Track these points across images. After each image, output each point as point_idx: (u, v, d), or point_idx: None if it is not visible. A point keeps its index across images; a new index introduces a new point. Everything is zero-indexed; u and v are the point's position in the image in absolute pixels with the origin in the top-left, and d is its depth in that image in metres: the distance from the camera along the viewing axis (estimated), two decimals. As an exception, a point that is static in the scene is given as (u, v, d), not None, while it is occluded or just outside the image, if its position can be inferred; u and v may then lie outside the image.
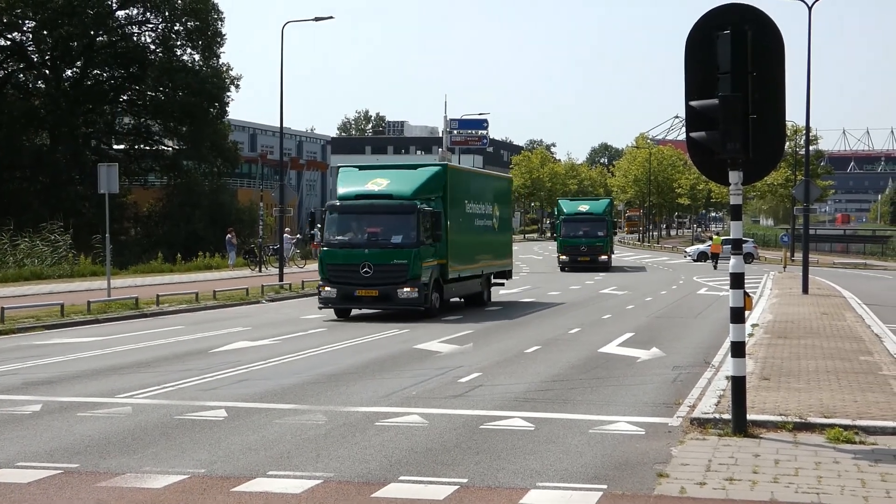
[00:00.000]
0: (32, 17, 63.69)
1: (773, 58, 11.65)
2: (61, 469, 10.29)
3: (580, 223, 59.36)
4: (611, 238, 61.02)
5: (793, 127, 76.12)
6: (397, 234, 27.28)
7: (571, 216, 60.40)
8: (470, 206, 31.44)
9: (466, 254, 30.75)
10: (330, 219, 28.11)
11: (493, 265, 34.09)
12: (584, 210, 61.52)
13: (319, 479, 9.87)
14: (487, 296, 33.44)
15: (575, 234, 59.03)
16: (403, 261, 26.89)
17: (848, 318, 26.52)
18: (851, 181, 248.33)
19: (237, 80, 69.01)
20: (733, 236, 12.17)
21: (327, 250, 27.93)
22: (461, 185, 30.96)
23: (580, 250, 58.45)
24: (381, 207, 27.80)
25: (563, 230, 59.64)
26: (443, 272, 28.53)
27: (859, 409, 12.85)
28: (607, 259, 59.34)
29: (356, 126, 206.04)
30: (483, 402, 14.32)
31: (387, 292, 26.92)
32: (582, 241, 58.70)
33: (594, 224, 59.29)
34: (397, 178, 28.59)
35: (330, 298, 27.58)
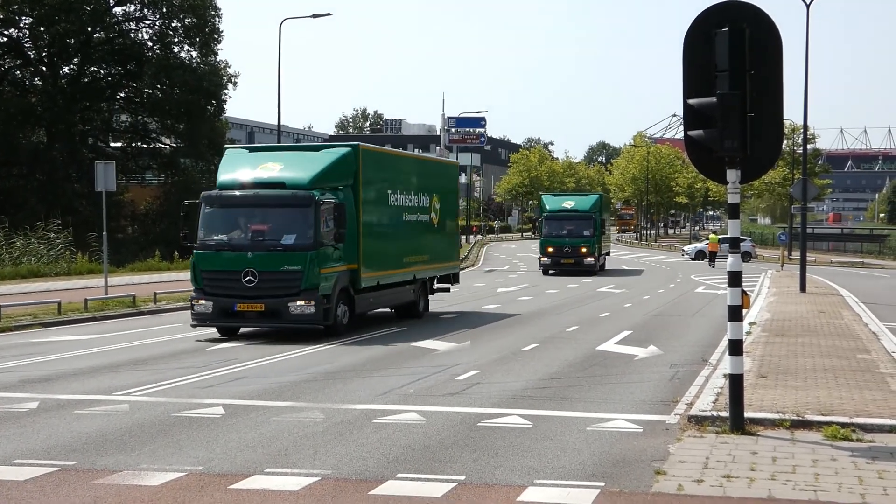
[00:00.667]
0: (29, 13, 63.60)
1: (771, 56, 11.65)
2: (58, 466, 10.28)
3: (564, 221, 52.90)
4: (599, 238, 53.30)
5: (790, 125, 76.22)
6: (289, 232, 21.83)
7: (555, 213, 53.83)
8: (395, 197, 25.81)
9: (389, 256, 25.50)
10: (205, 214, 22.49)
11: (430, 268, 28.56)
12: (569, 206, 54.61)
13: (317, 477, 9.87)
14: (424, 305, 27.98)
15: (558, 232, 52.70)
16: (296, 267, 21.41)
17: (845, 316, 26.54)
18: (849, 180, 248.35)
19: (235, 77, 68.98)
20: (731, 235, 12.16)
21: (201, 253, 22.24)
22: (381, 172, 25.38)
23: (563, 251, 52.22)
24: (269, 199, 22.29)
25: (546, 228, 53.45)
26: (354, 280, 23.14)
27: (856, 406, 12.86)
28: (594, 261, 52.33)
29: (354, 124, 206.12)
30: (481, 399, 14.32)
31: (275, 307, 21.53)
32: (566, 240, 52.31)
33: (580, 222, 52.60)
34: (294, 161, 23.13)
35: (205, 315, 22.09)
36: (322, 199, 21.75)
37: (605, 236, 58.79)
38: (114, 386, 15.44)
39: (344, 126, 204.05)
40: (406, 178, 26.89)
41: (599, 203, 55.65)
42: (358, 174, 23.46)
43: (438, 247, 29.32)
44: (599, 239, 53.30)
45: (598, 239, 53.05)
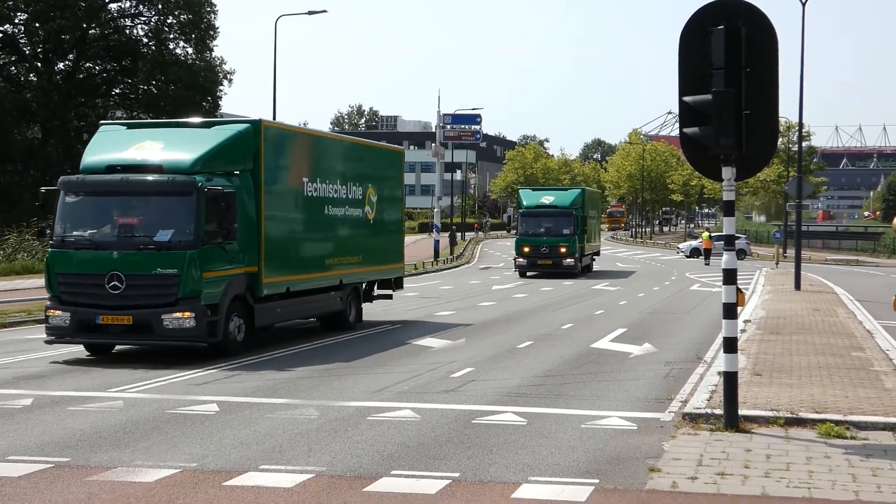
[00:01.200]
0: (24, 9, 63.48)
1: (767, 54, 11.66)
2: (52, 463, 10.27)
3: (542, 218, 48.40)
4: (581, 237, 48.80)
5: (786, 123, 76.15)
6: (165, 227, 17.83)
7: (531, 209, 49.23)
8: (313, 186, 21.66)
9: (305, 257, 21.66)
10: (63, 204, 18.44)
11: (363, 272, 24.52)
12: (548, 202, 49.75)
13: (311, 474, 9.86)
14: (355, 315, 24.05)
15: (535, 231, 48.26)
16: (172, 270, 17.50)
17: (840, 314, 26.57)
18: (844, 178, 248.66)
19: (230, 73, 68.90)
20: (726, 232, 12.17)
21: (56, 252, 18.29)
22: (293, 155, 21.25)
23: (541, 251, 47.72)
24: (140, 186, 18.08)
25: (522, 226, 49.26)
26: (253, 286, 19.17)
27: (850, 404, 12.87)
28: (574, 263, 47.62)
29: (349, 120, 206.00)
30: (475, 396, 14.32)
31: (145, 319, 17.53)
32: (543, 239, 47.78)
33: (559, 219, 47.86)
34: (177, 140, 19.17)
35: (61, 329, 18.10)
36: (207, 185, 17.80)
37: (591, 235, 52.68)
38: (108, 383, 15.42)
39: (339, 122, 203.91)
40: (329, 163, 22.74)
41: (581, 199, 50.14)
42: (260, 156, 19.39)
43: (375, 247, 25.27)
44: (581, 238, 48.62)
45: (580, 238, 48.33)
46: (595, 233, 55.94)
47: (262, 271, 19.33)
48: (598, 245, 58.62)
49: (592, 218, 53.63)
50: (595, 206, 57.23)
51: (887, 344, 19.61)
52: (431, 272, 52.59)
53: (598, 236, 58.86)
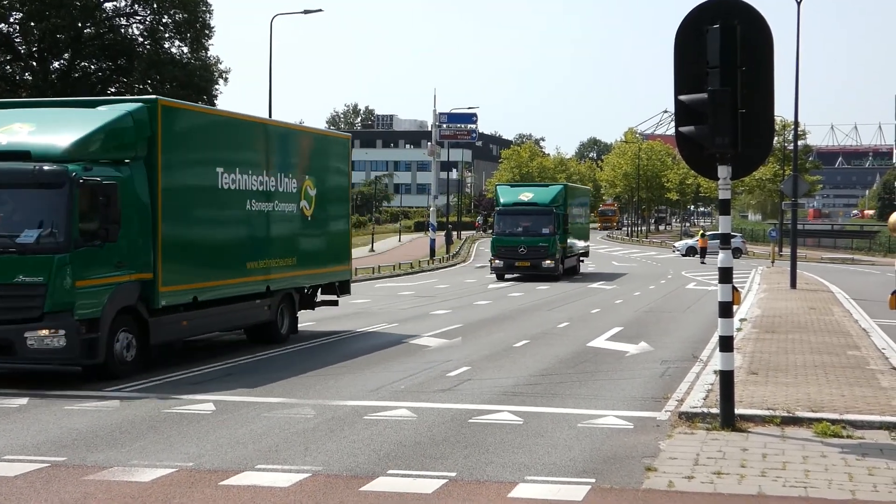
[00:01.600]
0: (20, 8, 63.43)
1: (762, 52, 11.66)
2: (48, 462, 10.26)
3: (520, 216, 44.72)
4: (563, 236, 45.30)
5: (781, 122, 76.27)
6: (31, 227, 15.04)
7: (509, 207, 45.49)
8: (230, 177, 18.73)
9: (218, 260, 18.66)
10: None
11: (298, 276, 21.38)
12: (526, 199, 45.56)
13: (308, 473, 9.86)
14: (289, 325, 21.27)
15: (512, 230, 44.58)
16: (37, 278, 14.80)
17: (835, 312, 26.60)
18: (839, 176, 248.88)
19: (226, 73, 68.81)
20: (722, 231, 12.18)
21: None
22: (202, 140, 18.48)
23: (518, 252, 43.93)
24: (1, 177, 15.32)
25: (498, 225, 45.56)
26: (147, 296, 16.43)
27: (847, 403, 12.89)
28: (553, 265, 43.95)
29: (345, 119, 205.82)
30: (472, 395, 14.32)
31: (4, 338, 14.89)
32: (521, 239, 44.09)
33: (538, 217, 44.09)
34: (52, 122, 16.54)
35: None
36: (82, 176, 15.12)
37: (576, 234, 49.34)
38: (104, 382, 15.39)
39: (335, 122, 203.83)
40: (253, 152, 19.94)
41: (563, 195, 46.28)
42: (156, 142, 16.55)
43: (314, 246, 22.44)
44: (563, 238, 45.08)
45: (562, 238, 44.82)
46: (582, 232, 52.12)
47: (158, 278, 16.43)
48: (587, 246, 53.79)
49: (578, 217, 50.58)
50: (581, 204, 53.78)
51: (883, 342, 19.63)
52: (427, 271, 52.63)
53: (586, 236, 54.45)
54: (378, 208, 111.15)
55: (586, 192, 62.06)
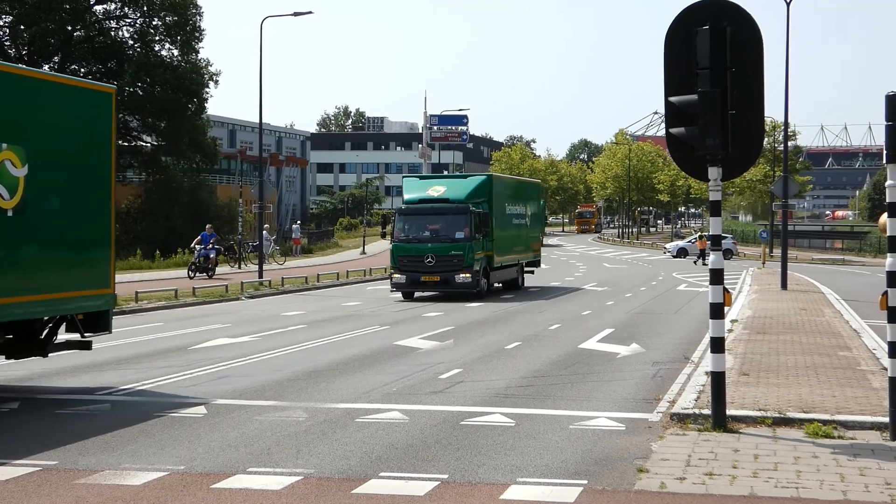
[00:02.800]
0: (9, 12, 63.33)
1: (752, 54, 11.69)
2: (40, 466, 10.23)
3: (428, 216, 34.92)
4: (485, 242, 35.27)
5: (771, 123, 76.45)
6: None
7: (413, 205, 35.35)
8: None
9: None
10: None
11: None
12: (437, 195, 35.35)
13: (300, 476, 9.85)
14: None
15: (417, 235, 34.73)
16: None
17: (826, 313, 26.66)
18: (829, 177, 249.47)
19: (216, 75, 68.79)
20: (712, 232, 12.19)
21: None
22: None
23: (425, 263, 33.87)
24: None
25: (399, 228, 35.09)
26: None
27: (838, 403, 12.91)
28: (471, 279, 33.74)
29: (336, 122, 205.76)
30: (463, 398, 14.32)
31: None
32: (427, 246, 34.12)
33: (451, 218, 34.44)
34: None
35: None
36: None
37: (510, 240, 38.38)
38: (95, 385, 15.37)
39: (326, 124, 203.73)
40: None
41: (488, 189, 35.66)
42: None
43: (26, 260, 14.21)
44: (488, 244, 34.93)
45: (484, 244, 34.58)
46: (524, 237, 40.87)
47: None
48: (535, 254, 43.02)
49: (517, 217, 39.81)
50: (522, 201, 40.98)
51: (874, 343, 19.66)
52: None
53: (534, 241, 43.10)
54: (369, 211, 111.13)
55: (532, 187, 46.34)
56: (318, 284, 40.48)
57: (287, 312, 28.42)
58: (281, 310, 29.36)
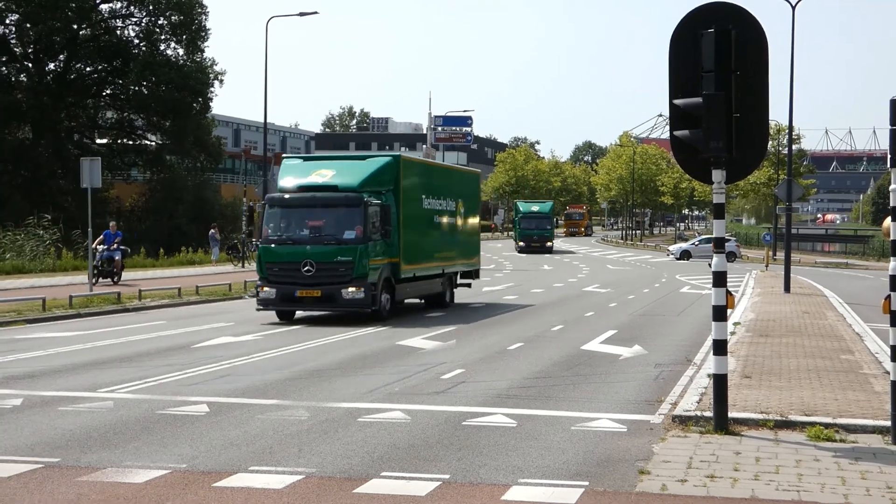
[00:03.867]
0: (15, 10, 63.43)
1: (757, 57, 11.70)
2: (42, 463, 10.25)
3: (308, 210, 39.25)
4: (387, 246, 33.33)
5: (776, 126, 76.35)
6: None
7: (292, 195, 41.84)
8: None
9: None
10: None
11: None
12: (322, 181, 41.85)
13: (301, 475, 9.86)
14: None
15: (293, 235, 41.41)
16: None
17: (829, 316, 26.64)
18: (833, 181, 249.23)
19: (221, 75, 68.94)
20: (716, 235, 12.20)
21: None
22: None
23: (302, 273, 36.69)
24: None
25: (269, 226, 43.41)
26: None
27: (840, 407, 12.91)
28: (363, 295, 26.97)
29: (340, 122, 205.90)
30: (465, 398, 14.33)
31: None
32: (306, 250, 36.66)
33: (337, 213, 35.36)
34: None
35: None
36: None
37: (430, 244, 29.94)
38: (98, 383, 15.39)
39: (330, 124, 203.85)
40: None
41: (392, 174, 27.28)
42: None
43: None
44: (393, 248, 26.80)
45: (385, 248, 26.35)
46: (454, 240, 32.19)
47: None
48: (471, 263, 33.97)
49: (441, 213, 30.92)
50: (450, 193, 31.74)
51: (876, 347, 19.64)
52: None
53: (470, 246, 34.00)
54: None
55: (465, 177, 35.25)
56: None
57: (290, 312, 28.36)
58: (284, 309, 29.29)
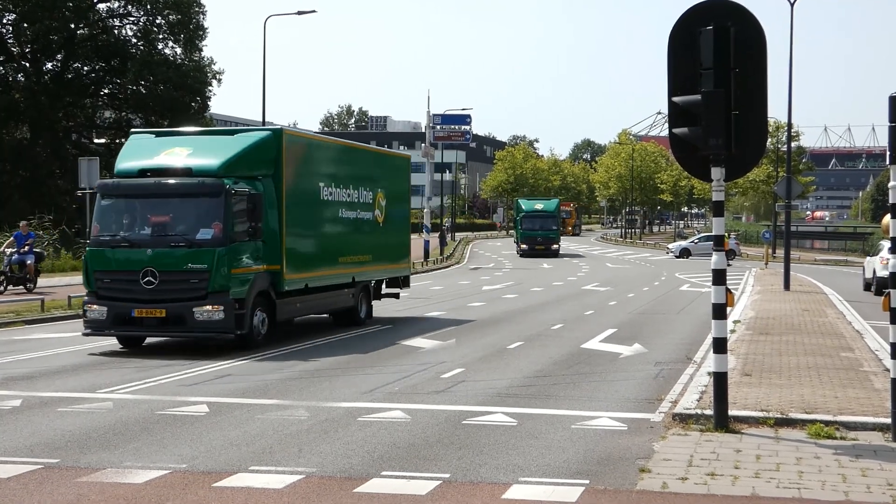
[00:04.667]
0: (12, 9, 63.38)
1: (756, 54, 11.69)
2: (42, 464, 10.23)
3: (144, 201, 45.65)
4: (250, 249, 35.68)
5: (775, 123, 76.36)
6: None
7: (127, 179, 48.61)
8: None
9: None
10: None
11: None
12: (174, 163, 48.94)
13: (301, 475, 9.85)
14: None
15: (129, 234, 47.00)
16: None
17: (829, 314, 26.63)
18: (833, 178, 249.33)
19: (219, 74, 68.81)
20: (715, 233, 12.18)
21: None
22: None
23: (141, 286, 41.99)
24: None
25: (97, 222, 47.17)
26: None
27: (840, 404, 12.90)
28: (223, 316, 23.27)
29: (339, 121, 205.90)
30: (466, 397, 14.32)
31: None
32: (144, 256, 43.11)
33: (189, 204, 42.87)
34: None
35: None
36: None
37: (334, 244, 23.80)
38: (97, 384, 15.38)
39: (329, 123, 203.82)
40: None
41: (271, 153, 21.10)
42: None
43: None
44: (275, 250, 20.80)
45: (263, 251, 20.35)
46: (369, 240, 25.58)
47: None
48: (397, 267, 27.70)
49: (351, 207, 24.43)
50: (364, 180, 25.18)
51: (876, 344, 19.65)
52: (421, 273, 52.59)
53: (396, 248, 27.67)
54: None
55: (383, 160, 28.41)
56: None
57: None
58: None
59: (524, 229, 74.18)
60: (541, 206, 76.40)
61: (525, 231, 74.00)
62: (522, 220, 75.02)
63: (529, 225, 74.15)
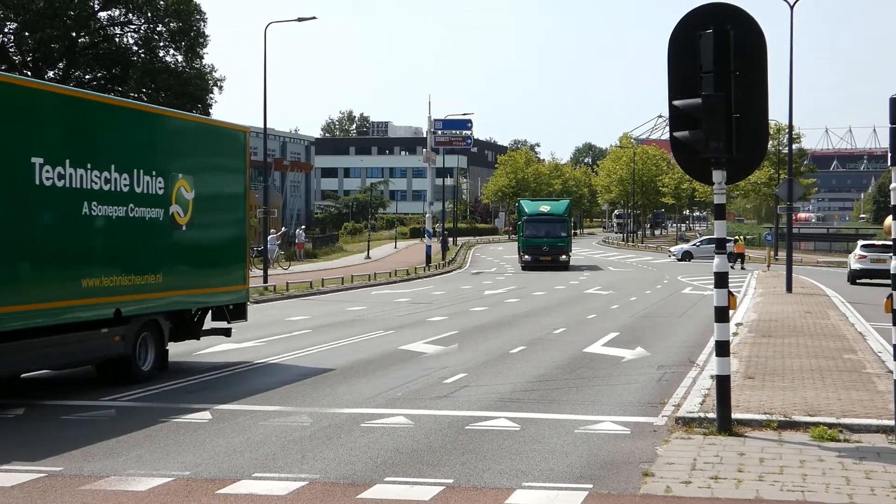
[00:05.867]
0: (14, 18, 63.48)
1: (756, 57, 11.70)
2: (45, 472, 10.23)
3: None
4: None
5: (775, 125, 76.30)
6: None
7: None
8: None
9: None
10: None
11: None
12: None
13: (305, 481, 9.84)
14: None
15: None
16: None
17: (832, 316, 26.61)
18: (834, 180, 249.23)
19: (221, 81, 68.87)
20: (717, 235, 12.18)
21: None
22: None
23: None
24: None
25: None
26: None
27: (843, 407, 12.89)
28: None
29: (340, 126, 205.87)
30: (468, 402, 14.31)
31: None
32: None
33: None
34: None
35: None
36: None
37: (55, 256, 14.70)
38: (100, 391, 15.37)
39: (330, 129, 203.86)
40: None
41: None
42: None
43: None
44: None
45: None
46: (165, 251, 17.11)
47: None
48: (228, 290, 19.27)
49: (107, 198, 15.41)
50: (154, 162, 16.61)
51: (879, 346, 19.64)
52: (423, 277, 52.63)
53: (220, 260, 19.09)
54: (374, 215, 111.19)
55: (195, 133, 18.83)
56: (322, 289, 40.42)
57: (292, 317, 28.42)
58: (286, 314, 29.35)
59: (526, 236, 59.96)
60: (547, 209, 62.36)
61: (527, 239, 59.68)
62: (525, 225, 60.47)
63: (533, 231, 59.81)
